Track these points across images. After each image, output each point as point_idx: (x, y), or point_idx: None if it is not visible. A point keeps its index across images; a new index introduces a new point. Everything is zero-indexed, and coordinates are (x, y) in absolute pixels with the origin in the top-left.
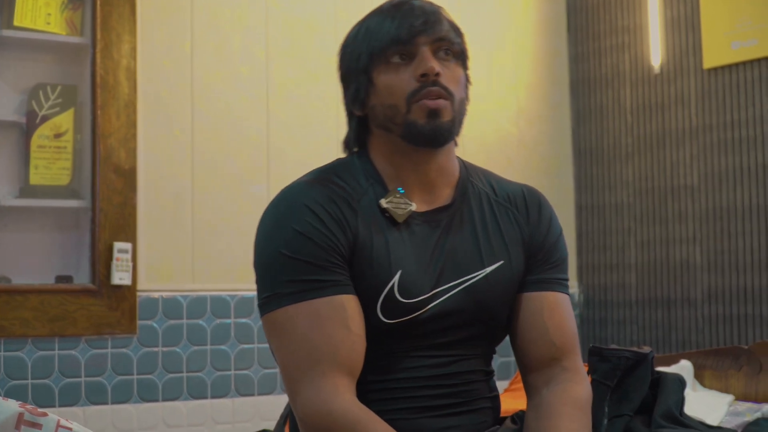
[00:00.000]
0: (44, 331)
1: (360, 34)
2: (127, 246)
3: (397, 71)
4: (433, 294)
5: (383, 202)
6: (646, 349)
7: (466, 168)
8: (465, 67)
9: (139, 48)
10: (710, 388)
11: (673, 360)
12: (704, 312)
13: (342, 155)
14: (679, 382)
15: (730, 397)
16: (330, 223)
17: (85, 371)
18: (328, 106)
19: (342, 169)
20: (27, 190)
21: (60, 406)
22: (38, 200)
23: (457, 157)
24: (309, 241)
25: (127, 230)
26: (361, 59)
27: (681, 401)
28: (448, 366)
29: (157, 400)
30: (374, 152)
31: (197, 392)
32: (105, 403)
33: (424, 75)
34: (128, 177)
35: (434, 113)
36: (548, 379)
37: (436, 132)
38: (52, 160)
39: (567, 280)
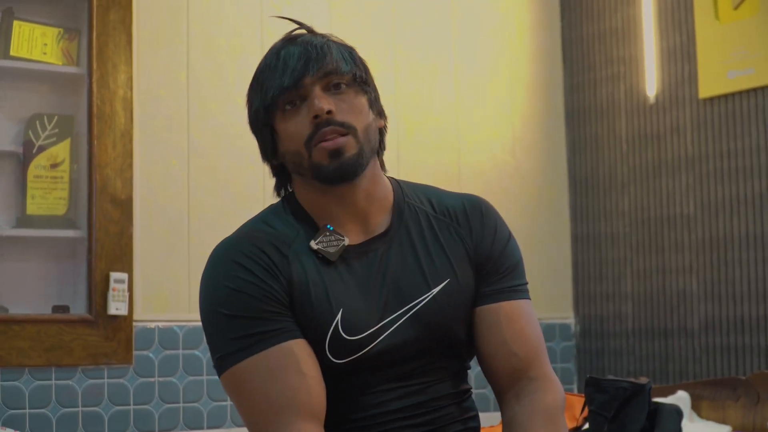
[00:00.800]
0: (41, 360)
1: (254, 87)
2: (124, 276)
3: (292, 118)
4: (380, 327)
5: (313, 244)
6: (644, 380)
7: (402, 188)
8: (364, 90)
9: (135, 78)
10: (707, 419)
11: (670, 391)
12: (701, 342)
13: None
14: (677, 413)
15: (727, 428)
16: (261, 273)
17: (82, 401)
18: None
19: (272, 216)
20: (24, 220)
21: None
22: (35, 230)
23: (390, 179)
24: (244, 296)
25: (124, 260)
26: (259, 114)
27: None
28: (413, 396)
29: (154, 431)
30: (299, 194)
31: (194, 423)
32: None
33: (315, 116)
34: (125, 207)
35: (335, 153)
36: (517, 392)
37: (343, 170)
38: (49, 190)
39: (524, 284)
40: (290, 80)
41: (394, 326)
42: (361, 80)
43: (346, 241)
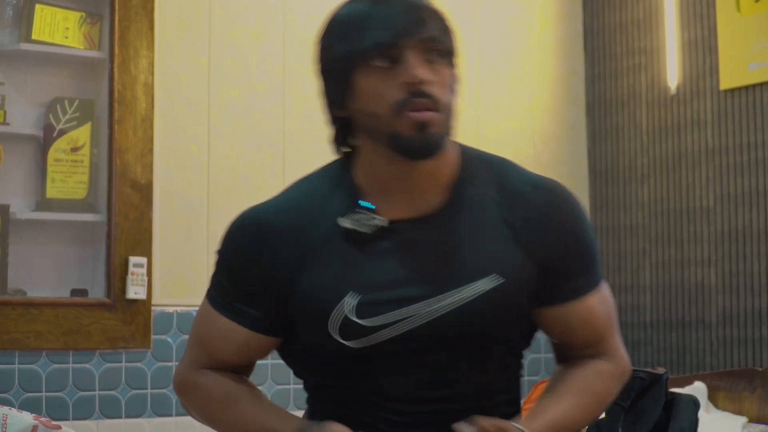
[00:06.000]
0: (58, 344)
1: (337, 28)
2: (143, 260)
3: (379, 76)
4: (401, 313)
5: (344, 221)
6: (661, 371)
7: (468, 164)
8: (453, 65)
9: (156, 63)
10: (724, 410)
11: (687, 381)
12: (719, 334)
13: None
14: (693, 404)
15: (743, 420)
16: (260, 261)
17: (99, 385)
18: None
19: (317, 182)
20: (43, 203)
21: (74, 419)
22: (54, 214)
23: (460, 147)
24: (237, 266)
25: (143, 244)
26: (339, 60)
27: (695, 423)
28: (436, 388)
29: (170, 415)
30: (359, 156)
31: None
32: (119, 417)
33: (411, 83)
34: (144, 191)
35: (422, 126)
36: (579, 359)
37: (426, 145)
38: (69, 173)
39: (598, 274)
40: (391, 37)
41: (419, 315)
42: (454, 53)
43: (383, 222)
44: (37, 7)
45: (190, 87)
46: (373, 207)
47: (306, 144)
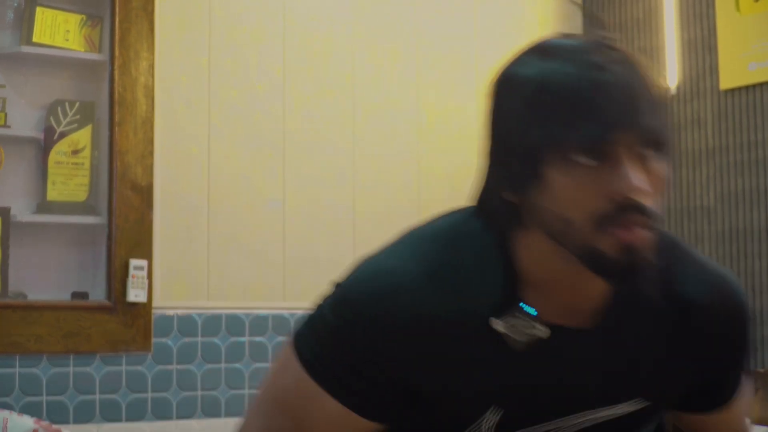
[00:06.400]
0: (59, 347)
1: (532, 97)
2: (143, 263)
3: (581, 175)
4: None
5: (496, 324)
6: None
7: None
8: (668, 160)
9: (156, 65)
10: None
11: None
12: None
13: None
14: None
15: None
16: (382, 361)
17: (99, 388)
18: (344, 124)
19: (469, 257)
20: (44, 206)
21: (75, 423)
22: (55, 216)
23: None
24: (357, 361)
25: (143, 247)
26: (530, 143)
27: None
28: None
29: (171, 418)
30: (524, 239)
31: (211, 411)
32: (119, 420)
33: (622, 195)
34: (145, 194)
35: (630, 249)
36: None
37: (630, 272)
38: (70, 176)
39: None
40: (605, 132)
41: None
42: (669, 144)
43: (545, 334)
44: (38, 9)
45: (190, 88)
46: (535, 313)
47: (306, 144)
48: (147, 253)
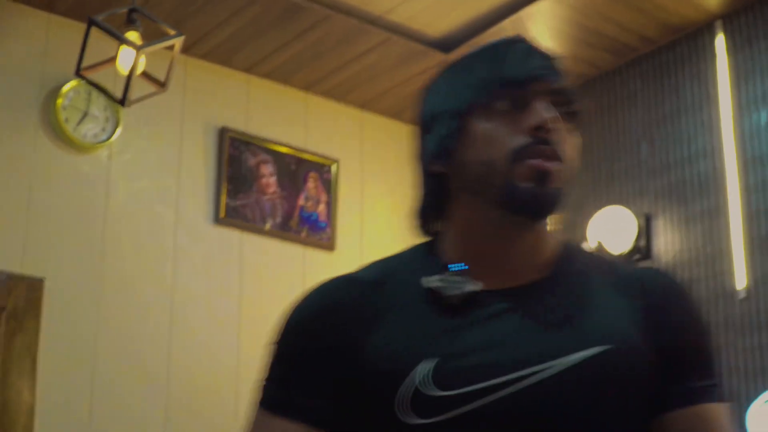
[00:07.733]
0: None
1: (457, 70)
2: None
3: (500, 120)
4: (487, 382)
5: (429, 281)
6: None
7: (571, 248)
8: (578, 134)
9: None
10: None
11: None
12: None
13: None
14: None
15: None
16: (319, 339)
17: None
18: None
19: (404, 252)
20: None
21: None
22: None
23: (561, 238)
24: (296, 355)
25: None
26: (456, 99)
27: None
28: None
29: None
30: (451, 227)
31: None
32: None
33: (538, 128)
34: None
35: (543, 176)
36: None
37: (543, 199)
38: None
39: (720, 384)
40: (524, 76)
41: (506, 384)
42: (579, 119)
43: (477, 287)
44: None
45: None
46: (466, 267)
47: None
48: None
